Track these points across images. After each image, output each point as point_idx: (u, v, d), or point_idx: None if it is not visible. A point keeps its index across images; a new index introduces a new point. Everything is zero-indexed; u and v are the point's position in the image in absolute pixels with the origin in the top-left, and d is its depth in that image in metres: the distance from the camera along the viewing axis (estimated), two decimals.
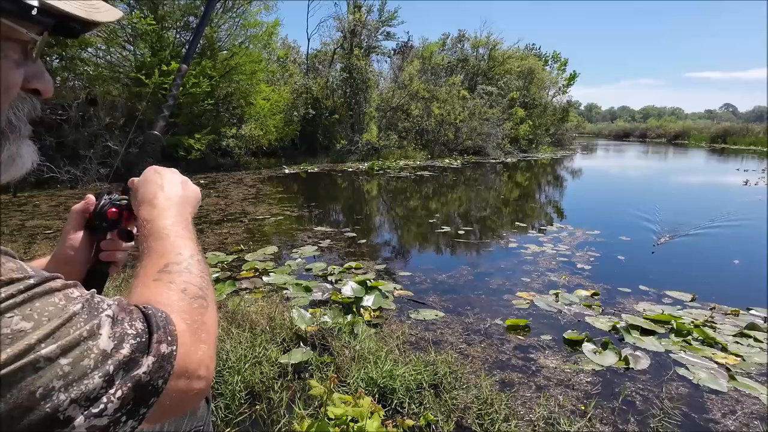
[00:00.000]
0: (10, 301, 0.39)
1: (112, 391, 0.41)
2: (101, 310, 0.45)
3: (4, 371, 0.36)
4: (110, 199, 0.80)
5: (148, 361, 0.45)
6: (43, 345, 0.39)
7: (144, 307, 0.50)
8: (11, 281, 0.40)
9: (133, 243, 0.78)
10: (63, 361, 0.39)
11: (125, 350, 0.44)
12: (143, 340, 0.46)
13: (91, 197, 0.80)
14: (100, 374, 0.41)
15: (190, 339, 0.51)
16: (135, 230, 0.76)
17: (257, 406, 2.21)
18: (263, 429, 2.10)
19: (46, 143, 8.71)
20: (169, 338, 0.48)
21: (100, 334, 0.43)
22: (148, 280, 0.58)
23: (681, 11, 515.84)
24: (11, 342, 0.37)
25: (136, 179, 0.77)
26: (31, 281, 0.42)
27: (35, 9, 0.43)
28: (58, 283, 0.44)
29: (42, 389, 0.38)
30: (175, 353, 0.48)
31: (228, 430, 2.05)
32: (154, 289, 0.57)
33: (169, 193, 0.73)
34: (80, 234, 0.79)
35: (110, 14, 0.53)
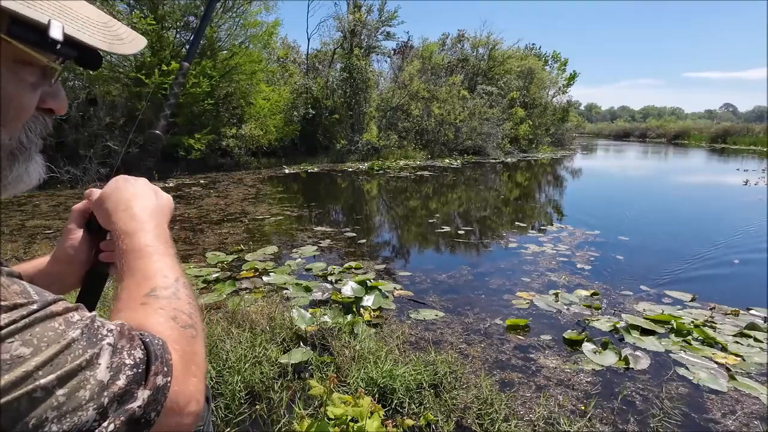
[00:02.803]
0: (12, 327, 0.39)
1: (105, 424, 0.41)
2: (101, 337, 0.44)
3: (2, 400, 0.36)
4: None
5: (143, 395, 0.44)
6: (40, 373, 0.38)
7: (141, 334, 0.49)
8: (15, 306, 0.40)
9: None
10: (59, 391, 0.39)
11: (121, 382, 0.43)
12: (140, 371, 0.45)
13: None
14: (95, 406, 0.40)
15: (181, 371, 0.50)
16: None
17: (257, 406, 2.21)
18: (263, 429, 2.10)
19: (47, 143, 8.70)
20: (165, 369, 0.47)
21: (99, 364, 0.42)
22: (135, 305, 0.55)
23: (679, 11, 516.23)
24: (9, 368, 0.37)
25: (96, 190, 0.73)
26: (34, 306, 0.41)
27: (59, 44, 0.44)
28: (60, 306, 0.44)
29: (35, 420, 0.37)
30: (169, 385, 0.47)
31: (228, 430, 2.05)
32: (143, 314, 0.54)
33: (144, 203, 0.68)
34: (80, 234, 0.77)
35: (133, 45, 0.53)
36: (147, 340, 0.48)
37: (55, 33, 0.43)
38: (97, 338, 0.44)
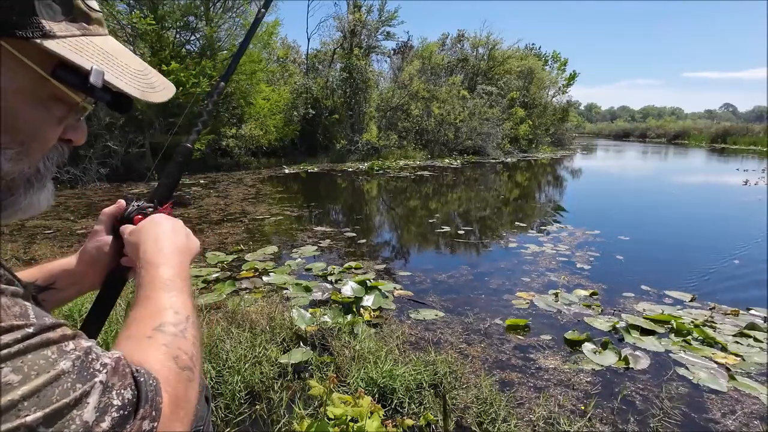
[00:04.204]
0: (5, 351, 0.38)
1: None
2: (94, 372, 0.43)
3: None
4: (138, 206, 0.81)
5: None
6: (26, 404, 0.37)
7: (136, 370, 0.48)
8: (11, 329, 0.39)
9: None
10: (42, 430, 0.38)
11: (105, 424, 0.42)
12: (126, 412, 0.44)
13: (122, 202, 0.82)
14: None
15: (169, 416, 0.49)
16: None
17: (257, 406, 2.21)
18: (263, 429, 2.10)
19: None
20: (154, 413, 0.46)
21: (87, 404, 0.41)
22: (142, 336, 0.56)
23: (679, 11, 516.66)
24: None
25: (130, 226, 0.76)
26: (30, 330, 0.41)
27: (97, 89, 0.48)
28: (57, 333, 0.43)
29: None
30: (155, 431, 0.46)
31: (228, 430, 2.05)
32: (146, 348, 0.54)
33: (173, 240, 0.71)
34: (106, 236, 0.80)
35: (164, 94, 0.57)
36: (141, 379, 0.47)
37: (96, 79, 0.47)
38: (89, 372, 0.43)
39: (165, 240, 0.70)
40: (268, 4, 1.13)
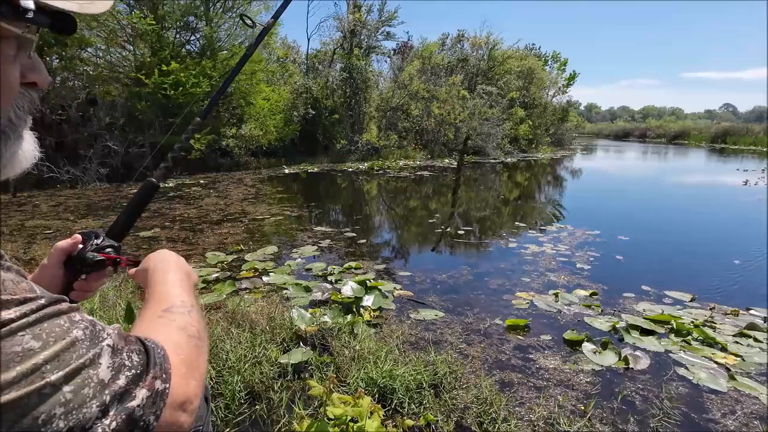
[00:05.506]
0: (24, 320, 0.41)
1: (106, 421, 0.42)
2: (102, 338, 0.46)
3: (13, 395, 0.37)
4: (96, 245, 0.82)
5: (141, 394, 0.46)
6: (48, 367, 0.40)
7: (145, 339, 0.52)
8: (25, 300, 0.42)
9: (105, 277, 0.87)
10: (66, 388, 0.40)
11: (121, 381, 0.45)
12: (138, 372, 0.47)
13: (78, 237, 0.84)
14: (98, 404, 0.42)
15: (183, 374, 0.53)
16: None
17: (257, 406, 2.21)
18: (263, 429, 2.10)
19: (46, 143, 8.70)
20: (164, 375, 0.49)
21: (100, 363, 0.44)
22: (153, 317, 0.62)
23: (678, 11, 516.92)
24: (21, 360, 0.39)
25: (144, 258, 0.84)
26: (42, 301, 0.44)
27: (31, 12, 0.43)
28: (64, 305, 0.46)
29: (44, 415, 0.39)
30: (168, 391, 0.49)
31: (228, 430, 2.05)
32: (156, 323, 0.61)
33: (179, 264, 0.80)
34: (58, 269, 0.82)
35: (102, 5, 0.52)
36: (150, 346, 0.51)
37: (27, 1, 0.43)
38: (98, 339, 0.46)
39: (174, 262, 0.79)
40: (260, 39, 1.15)
